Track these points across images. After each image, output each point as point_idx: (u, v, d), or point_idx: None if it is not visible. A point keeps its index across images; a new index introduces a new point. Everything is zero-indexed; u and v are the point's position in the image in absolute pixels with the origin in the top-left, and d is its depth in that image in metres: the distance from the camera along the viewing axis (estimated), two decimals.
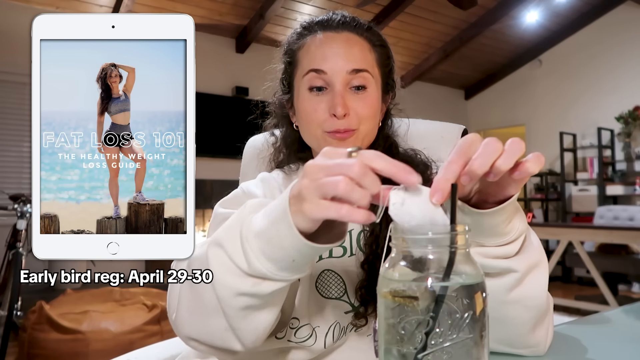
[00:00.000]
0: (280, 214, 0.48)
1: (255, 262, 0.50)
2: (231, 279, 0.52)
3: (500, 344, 0.63)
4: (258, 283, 0.51)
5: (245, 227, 0.52)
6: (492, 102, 7.12)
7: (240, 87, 5.27)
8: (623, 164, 5.87)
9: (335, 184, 0.43)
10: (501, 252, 0.56)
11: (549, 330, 0.64)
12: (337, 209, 0.43)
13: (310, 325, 0.72)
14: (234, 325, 0.55)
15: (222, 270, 0.52)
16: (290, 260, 0.49)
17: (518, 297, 0.58)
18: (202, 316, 0.56)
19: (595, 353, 0.65)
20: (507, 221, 0.53)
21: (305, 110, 0.76)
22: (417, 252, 0.42)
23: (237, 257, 0.51)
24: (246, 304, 0.53)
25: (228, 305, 0.53)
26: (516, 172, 0.47)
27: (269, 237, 0.49)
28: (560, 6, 5.70)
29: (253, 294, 0.52)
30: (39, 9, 4.32)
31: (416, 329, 0.40)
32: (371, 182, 0.43)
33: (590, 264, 3.92)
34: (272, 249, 0.49)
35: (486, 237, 0.55)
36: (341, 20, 0.78)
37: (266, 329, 0.57)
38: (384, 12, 5.18)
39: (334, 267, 0.74)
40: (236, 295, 0.52)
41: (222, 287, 0.52)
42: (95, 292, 2.73)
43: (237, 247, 0.51)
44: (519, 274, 0.56)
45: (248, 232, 0.51)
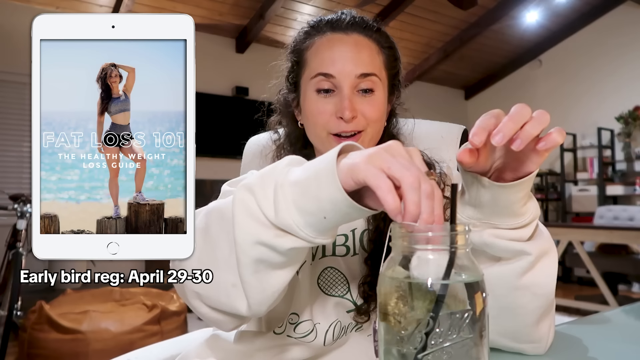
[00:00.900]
0: (326, 165, 0.47)
1: (284, 212, 0.49)
2: (254, 225, 0.51)
3: (504, 337, 0.62)
4: (280, 235, 0.50)
5: (282, 176, 0.51)
6: (492, 102, 7.12)
7: (240, 87, 5.27)
8: (623, 164, 5.87)
9: (406, 169, 0.43)
10: (515, 235, 0.56)
11: (551, 327, 0.64)
12: (382, 184, 0.43)
13: (311, 321, 0.72)
14: (243, 277, 0.53)
15: (246, 215, 0.51)
16: (322, 216, 0.48)
17: (528, 282, 0.58)
18: (212, 267, 0.54)
19: (595, 353, 0.65)
20: (523, 200, 0.54)
21: (312, 112, 0.76)
22: (417, 252, 0.42)
23: (266, 204, 0.50)
24: (262, 255, 0.51)
25: (243, 252, 0.52)
26: (541, 142, 0.48)
27: (306, 187, 0.48)
28: (560, 6, 5.70)
29: (272, 246, 0.50)
30: (39, 9, 4.32)
31: (416, 329, 0.40)
32: (427, 203, 0.42)
33: (590, 264, 3.92)
34: (307, 200, 0.48)
35: (502, 217, 0.55)
36: (350, 21, 0.77)
37: (274, 294, 0.55)
38: (384, 12, 5.18)
39: (337, 265, 0.74)
40: (255, 244, 0.51)
41: (242, 232, 0.51)
42: (95, 292, 2.73)
43: (269, 195, 0.50)
44: (532, 258, 0.57)
45: (284, 180, 0.50)
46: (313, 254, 0.74)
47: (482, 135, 0.46)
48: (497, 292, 0.58)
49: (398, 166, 0.43)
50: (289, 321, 0.72)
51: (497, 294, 0.58)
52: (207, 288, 0.56)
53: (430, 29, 5.80)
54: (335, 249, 0.75)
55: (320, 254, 0.74)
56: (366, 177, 0.44)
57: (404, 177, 0.43)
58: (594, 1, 5.85)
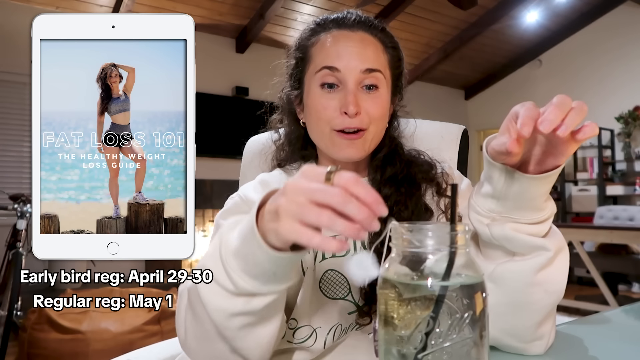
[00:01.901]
0: (249, 232, 0.48)
1: (240, 282, 0.50)
2: (222, 301, 0.52)
3: (508, 335, 0.63)
4: (249, 301, 0.52)
5: (224, 248, 0.52)
6: (492, 102, 7.12)
7: (240, 87, 5.27)
8: (623, 164, 5.86)
9: (318, 214, 0.42)
10: (534, 230, 0.58)
11: (553, 326, 0.64)
12: (311, 238, 0.42)
13: (310, 327, 0.72)
14: (237, 346, 0.55)
15: (212, 295, 0.52)
16: (271, 274, 0.50)
17: (543, 279, 0.59)
18: (207, 342, 0.56)
19: (595, 353, 0.65)
20: (546, 195, 0.56)
21: (316, 107, 0.76)
22: (417, 252, 0.42)
23: (223, 280, 0.52)
24: (242, 322, 0.53)
25: (225, 328, 0.53)
26: (580, 132, 0.50)
27: (244, 256, 0.50)
28: (560, 6, 5.70)
29: (247, 312, 0.52)
30: (39, 9, 4.31)
31: (416, 328, 0.40)
32: (355, 210, 0.41)
33: (590, 264, 3.92)
34: (250, 267, 0.50)
35: (524, 211, 0.57)
36: (356, 19, 0.78)
37: (270, 341, 0.57)
38: (384, 12, 5.18)
39: (338, 267, 0.74)
40: (230, 317, 0.53)
41: (215, 312, 0.53)
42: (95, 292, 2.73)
43: (220, 270, 0.52)
44: (551, 254, 0.58)
45: (227, 253, 0.52)
46: (314, 258, 0.74)
47: (531, 125, 0.47)
48: (510, 288, 0.59)
49: (317, 213, 0.42)
50: (288, 326, 0.72)
51: (509, 290, 0.59)
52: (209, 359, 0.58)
53: (430, 29, 5.80)
54: None
55: (320, 257, 0.74)
56: (293, 236, 0.43)
57: (319, 221, 0.42)
58: (594, 1, 5.85)
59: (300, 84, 0.81)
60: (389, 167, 0.78)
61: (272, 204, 0.46)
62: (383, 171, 0.78)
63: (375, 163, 0.80)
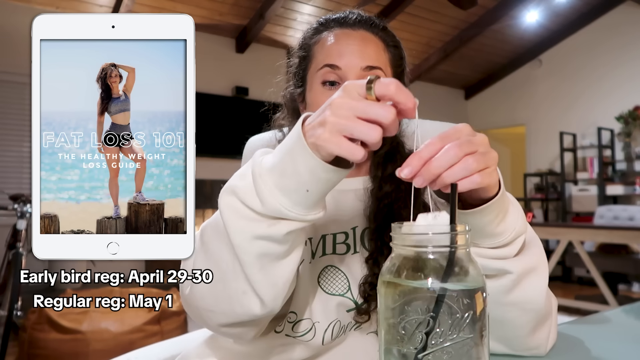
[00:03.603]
0: (294, 140, 0.49)
1: (269, 198, 0.50)
2: (246, 223, 0.51)
3: (500, 343, 0.63)
4: (273, 224, 0.51)
5: (257, 166, 0.52)
6: (492, 102, 7.12)
7: (240, 87, 5.27)
8: (623, 163, 5.86)
9: (368, 133, 0.45)
10: (497, 254, 0.56)
11: (550, 333, 0.64)
12: (354, 152, 0.46)
13: (310, 320, 0.72)
14: (251, 277, 0.54)
15: (235, 217, 0.52)
16: (305, 190, 0.49)
17: (515, 299, 0.58)
18: (219, 284, 0.55)
19: (595, 353, 0.65)
20: (495, 222, 0.53)
21: (317, 104, 0.76)
22: (417, 252, 0.42)
23: (250, 198, 0.51)
24: (263, 249, 0.52)
25: (244, 252, 0.52)
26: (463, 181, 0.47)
27: (283, 167, 0.50)
28: (560, 6, 5.70)
29: (269, 236, 0.51)
30: (39, 9, 4.32)
31: (416, 328, 0.40)
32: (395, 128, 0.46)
33: (590, 264, 3.92)
34: (287, 179, 0.49)
35: (480, 238, 0.55)
36: (357, 18, 0.79)
37: (285, 284, 0.56)
38: (384, 12, 5.18)
39: (337, 263, 0.74)
40: (252, 240, 0.52)
41: (237, 234, 0.52)
42: (95, 292, 2.73)
43: (250, 188, 0.51)
44: (514, 276, 0.56)
45: (261, 170, 0.51)
46: (313, 252, 0.74)
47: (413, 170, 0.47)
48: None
49: (353, 125, 0.45)
50: (287, 320, 0.72)
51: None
52: (219, 302, 0.57)
53: (430, 29, 5.80)
54: (336, 247, 0.75)
55: (320, 252, 0.74)
56: (336, 149, 0.46)
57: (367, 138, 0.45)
58: (594, 1, 5.85)
59: (304, 82, 0.82)
60: (390, 165, 0.79)
61: (317, 119, 0.48)
62: (384, 168, 0.79)
63: (376, 160, 0.80)
